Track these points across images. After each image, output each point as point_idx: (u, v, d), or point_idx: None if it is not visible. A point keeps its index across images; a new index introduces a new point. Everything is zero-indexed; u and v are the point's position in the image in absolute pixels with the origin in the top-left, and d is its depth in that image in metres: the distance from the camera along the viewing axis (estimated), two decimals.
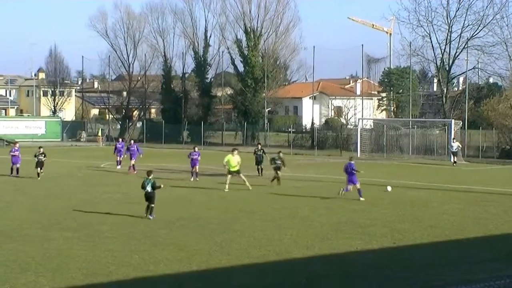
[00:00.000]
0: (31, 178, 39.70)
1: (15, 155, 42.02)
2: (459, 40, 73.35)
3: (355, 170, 32.40)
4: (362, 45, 78.78)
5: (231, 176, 35.85)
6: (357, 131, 65.39)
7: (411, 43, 74.44)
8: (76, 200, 31.62)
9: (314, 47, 78.96)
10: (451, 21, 73.68)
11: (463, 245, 22.41)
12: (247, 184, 35.64)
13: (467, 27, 72.95)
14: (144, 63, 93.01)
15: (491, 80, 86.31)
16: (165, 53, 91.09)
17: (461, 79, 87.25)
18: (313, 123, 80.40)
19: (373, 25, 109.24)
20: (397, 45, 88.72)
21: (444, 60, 74.44)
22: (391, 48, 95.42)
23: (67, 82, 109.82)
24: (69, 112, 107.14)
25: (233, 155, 36.40)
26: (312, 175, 44.61)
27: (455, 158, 54.94)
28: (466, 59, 72.61)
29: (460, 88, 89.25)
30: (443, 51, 74.24)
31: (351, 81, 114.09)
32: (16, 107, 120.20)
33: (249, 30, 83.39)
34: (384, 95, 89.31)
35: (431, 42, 74.39)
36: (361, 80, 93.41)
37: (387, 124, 69.25)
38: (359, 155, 61.49)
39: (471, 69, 74.80)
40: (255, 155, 43.19)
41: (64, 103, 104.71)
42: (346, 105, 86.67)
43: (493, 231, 24.53)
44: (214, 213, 28.19)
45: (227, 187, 35.18)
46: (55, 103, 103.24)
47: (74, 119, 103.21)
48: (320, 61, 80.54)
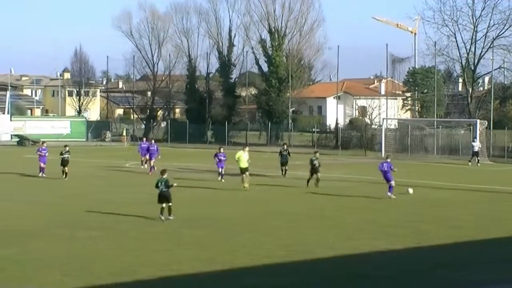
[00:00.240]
0: (56, 178, 39.82)
1: (42, 154, 41.91)
2: (485, 39, 72.95)
3: (392, 169, 32.92)
4: (386, 44, 78.53)
5: (244, 174, 35.85)
6: (382, 131, 65.14)
7: (436, 42, 74.14)
8: (100, 200, 31.81)
9: (338, 46, 78.88)
10: (476, 20, 73.28)
11: (488, 246, 22.29)
12: (246, 184, 35.40)
13: (493, 26, 72.53)
14: (168, 63, 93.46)
15: None
16: (189, 53, 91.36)
17: (487, 79, 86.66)
18: (337, 123, 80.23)
19: (398, 24, 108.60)
20: (421, 45, 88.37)
21: (469, 59, 74.00)
22: (415, 47, 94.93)
23: (92, 82, 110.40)
24: (94, 112, 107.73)
25: (244, 152, 36.34)
26: (336, 175, 44.54)
27: (477, 158, 54.63)
28: (491, 58, 72.20)
29: (485, 88, 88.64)
30: (468, 51, 73.84)
31: (375, 81, 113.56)
32: (41, 107, 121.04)
33: (273, 30, 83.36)
34: (408, 95, 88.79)
35: (456, 41, 74.03)
36: (386, 80, 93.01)
37: (412, 124, 68.93)
38: (384, 155, 61.21)
39: (496, 69, 74.40)
40: (281, 155, 42.91)
41: (89, 103, 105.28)
42: (370, 105, 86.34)
43: None
44: (238, 213, 28.24)
45: (246, 185, 35.31)
46: (80, 103, 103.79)
47: (99, 119, 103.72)
48: (344, 60, 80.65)
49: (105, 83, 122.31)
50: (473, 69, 74.51)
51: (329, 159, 60.61)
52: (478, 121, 61.39)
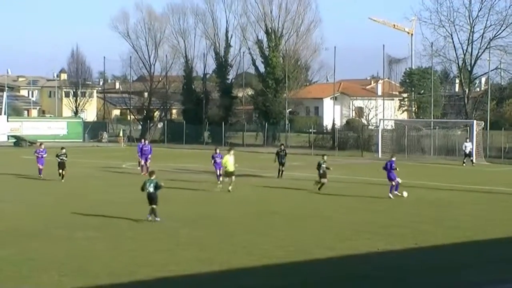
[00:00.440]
0: (54, 179, 39.68)
1: (39, 156, 41.50)
2: (482, 40, 73.00)
3: (394, 168, 33.23)
4: (383, 45, 78.56)
5: (228, 178, 35.16)
6: (378, 132, 65.15)
7: (432, 43, 74.13)
8: (98, 200, 31.77)
9: (335, 47, 78.84)
10: (473, 21, 73.31)
11: (485, 246, 22.29)
12: (230, 187, 34.74)
13: (490, 27, 72.58)
14: (165, 64, 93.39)
15: None
16: (186, 53, 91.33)
17: (483, 80, 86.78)
18: (334, 124, 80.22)
19: (394, 25, 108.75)
20: (418, 46, 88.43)
21: (466, 60, 74.06)
22: (412, 48, 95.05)
23: (88, 83, 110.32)
24: (90, 113, 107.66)
25: (230, 155, 35.66)
26: (333, 175, 44.41)
27: (471, 158, 54.82)
28: (488, 59, 72.25)
29: (482, 88, 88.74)
30: (465, 52, 73.90)
31: (372, 82, 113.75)
32: (38, 108, 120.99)
33: (270, 30, 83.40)
34: (405, 95, 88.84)
35: (453, 42, 74.08)
36: (382, 80, 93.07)
37: (409, 124, 68.93)
38: (380, 156, 61.23)
39: (493, 70, 74.45)
40: (278, 156, 42.84)
41: (85, 104, 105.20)
42: (367, 105, 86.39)
43: None
44: (236, 213, 28.23)
45: (230, 188, 34.78)
46: (77, 104, 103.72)
47: (95, 119, 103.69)
48: (341, 61, 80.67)
49: (102, 84, 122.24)
50: (469, 69, 74.57)
51: (327, 160, 60.58)
52: (474, 121, 61.41)
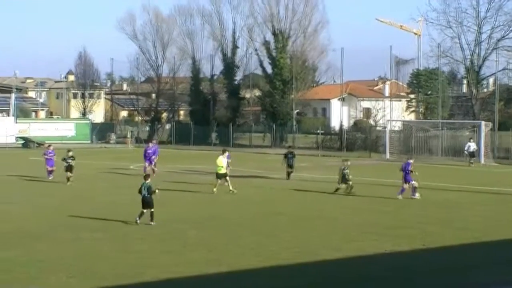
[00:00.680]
0: (61, 181, 39.57)
1: (49, 157, 41.52)
2: (489, 41, 72.86)
3: (410, 170, 33.15)
4: (390, 46, 78.59)
5: (220, 180, 34.76)
6: (386, 133, 65.02)
7: (440, 44, 74.05)
8: (105, 201, 31.79)
9: (342, 48, 78.86)
10: (481, 22, 73.15)
11: (494, 248, 22.23)
12: (215, 189, 34.32)
13: (497, 28, 72.45)
14: (173, 65, 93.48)
15: None
16: (193, 55, 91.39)
17: (491, 80, 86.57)
18: (341, 125, 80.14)
19: (401, 26, 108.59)
20: (425, 46, 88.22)
21: (473, 61, 73.90)
22: (419, 49, 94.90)
23: (96, 84, 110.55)
24: (98, 114, 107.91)
25: (223, 157, 35.31)
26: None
27: (472, 158, 54.90)
28: (496, 60, 72.11)
29: (490, 89, 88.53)
30: (472, 52, 73.73)
31: (379, 83, 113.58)
32: (46, 109, 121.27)
33: (277, 32, 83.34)
34: (412, 96, 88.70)
35: (460, 43, 73.94)
36: (390, 81, 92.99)
37: (416, 125, 68.79)
38: (388, 157, 61.18)
39: (501, 70, 74.30)
40: (286, 158, 42.65)
41: (93, 105, 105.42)
42: (374, 106, 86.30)
43: None
44: (243, 214, 28.23)
45: (214, 189, 34.47)
46: (85, 105, 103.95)
47: (103, 121, 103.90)
48: (348, 62, 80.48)
49: (109, 85, 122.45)
50: (477, 70, 74.40)
51: (333, 161, 60.58)
52: (482, 122, 61.26)
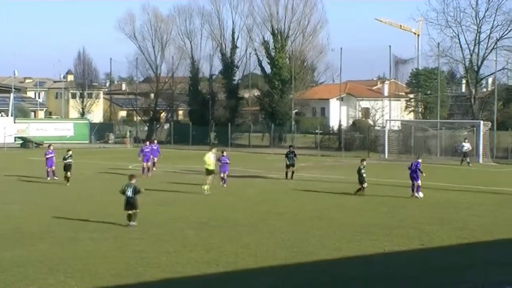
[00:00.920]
0: (60, 181, 39.57)
1: (49, 157, 41.50)
2: (488, 40, 72.90)
3: (419, 170, 33.47)
4: (389, 46, 78.45)
5: (211, 176, 34.92)
6: (385, 133, 65.05)
7: (439, 44, 74.04)
8: (104, 201, 31.77)
9: (341, 48, 78.79)
10: (480, 21, 73.19)
11: (492, 247, 22.24)
12: (206, 187, 34.23)
13: (497, 27, 72.47)
14: (171, 65, 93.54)
15: None
16: (192, 55, 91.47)
17: (490, 80, 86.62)
18: (340, 125, 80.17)
19: (401, 26, 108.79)
20: (425, 46, 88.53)
21: (472, 61, 73.94)
22: (419, 49, 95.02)
23: (95, 84, 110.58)
24: (97, 114, 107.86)
25: (211, 153, 35.45)
26: (339, 176, 44.50)
27: (467, 158, 55.09)
28: (495, 59, 72.16)
29: (489, 89, 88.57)
30: (471, 52, 73.78)
31: (378, 82, 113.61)
32: (45, 109, 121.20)
33: (276, 31, 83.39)
34: (412, 96, 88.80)
35: (460, 42, 73.97)
36: (389, 81, 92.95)
37: (415, 125, 68.84)
38: (387, 157, 61.24)
39: (500, 70, 74.33)
40: (287, 158, 42.55)
41: (92, 105, 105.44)
42: (373, 106, 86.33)
43: None
44: (241, 214, 28.22)
45: (206, 187, 34.38)
46: (83, 105, 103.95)
47: (102, 121, 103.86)
48: (347, 62, 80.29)
49: (108, 85, 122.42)
50: (476, 70, 74.43)
51: (332, 160, 60.65)
52: (481, 122, 61.35)
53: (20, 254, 20.05)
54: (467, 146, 56.35)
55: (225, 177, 38.09)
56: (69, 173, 38.92)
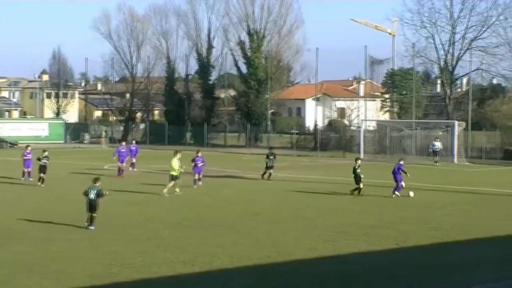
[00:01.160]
0: (35, 182, 39.21)
1: (27, 158, 41.02)
2: (463, 41, 73.46)
3: (403, 170, 33.97)
4: (365, 46, 78.85)
5: (174, 182, 33.90)
6: (360, 133, 65.28)
7: (414, 44, 74.47)
8: (79, 202, 31.39)
9: (317, 48, 79.03)
10: (454, 22, 73.74)
11: (467, 247, 22.40)
12: (165, 190, 33.53)
13: (471, 28, 73.05)
14: (147, 65, 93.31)
15: (494, 81, 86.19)
16: (168, 55, 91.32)
17: (465, 80, 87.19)
18: (316, 125, 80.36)
19: (376, 26, 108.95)
20: (400, 47, 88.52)
21: (447, 61, 74.43)
22: (394, 49, 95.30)
23: (70, 84, 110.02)
24: (72, 114, 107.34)
25: (176, 159, 34.26)
26: (315, 176, 44.63)
27: (435, 158, 55.64)
28: (469, 60, 72.69)
29: (463, 89, 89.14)
30: (446, 52, 74.30)
31: (354, 83, 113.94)
32: (19, 109, 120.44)
33: (252, 31, 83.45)
34: (387, 96, 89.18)
35: (435, 43, 74.50)
36: (364, 81, 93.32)
37: (390, 125, 69.15)
38: (362, 157, 61.38)
39: (474, 70, 74.86)
40: (267, 160, 42.43)
41: (67, 105, 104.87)
42: (349, 106, 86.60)
43: (497, 233, 24.54)
44: (217, 214, 28.20)
45: (165, 191, 33.76)
46: (59, 105, 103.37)
47: (77, 121, 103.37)
48: (323, 62, 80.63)
49: (83, 85, 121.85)
50: (451, 70, 74.91)
51: (308, 160, 60.78)
52: (456, 122, 61.77)
53: None
54: (438, 145, 57.02)
55: (200, 177, 37.75)
56: (44, 175, 38.34)
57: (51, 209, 29.13)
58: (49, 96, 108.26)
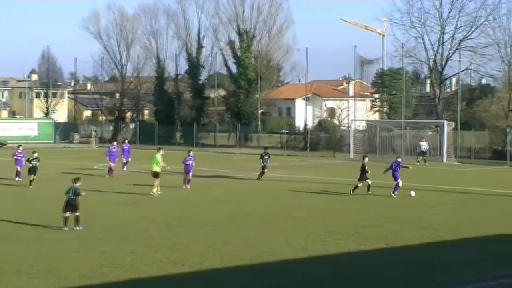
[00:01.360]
0: (24, 183, 38.97)
1: (18, 158, 40.45)
2: (452, 41, 73.54)
3: (402, 166, 34.88)
4: (355, 46, 78.87)
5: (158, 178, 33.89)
6: (350, 132, 65.39)
7: (403, 44, 74.58)
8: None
9: (307, 48, 79.06)
10: (443, 22, 73.82)
11: (456, 246, 22.44)
12: (155, 190, 33.64)
13: (460, 28, 73.12)
14: (137, 65, 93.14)
15: (483, 81, 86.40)
16: (158, 54, 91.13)
17: (454, 80, 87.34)
18: (306, 124, 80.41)
19: (366, 26, 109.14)
20: (390, 47, 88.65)
21: (436, 61, 74.53)
22: (384, 49, 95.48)
23: (60, 83, 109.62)
24: (61, 113, 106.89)
25: (158, 155, 34.54)
26: (305, 176, 44.64)
27: (421, 157, 56.34)
28: (458, 60, 72.80)
29: (453, 89, 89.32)
30: (435, 52, 74.37)
31: (344, 83, 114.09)
32: (8, 108, 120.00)
33: (242, 31, 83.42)
34: (377, 96, 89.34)
35: (424, 43, 74.57)
36: (354, 81, 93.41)
37: (380, 125, 69.28)
38: (352, 156, 61.48)
39: (463, 70, 74.96)
40: (262, 159, 42.36)
41: (56, 104, 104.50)
42: (339, 106, 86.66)
43: (486, 232, 24.60)
44: (208, 214, 28.17)
45: (155, 190, 33.89)
46: (48, 105, 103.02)
47: (66, 120, 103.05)
48: (313, 62, 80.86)
49: (73, 84, 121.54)
50: (440, 70, 75.02)
51: (298, 160, 60.79)
52: (445, 122, 61.96)
53: None
54: (424, 145, 57.30)
55: (189, 178, 37.32)
56: (34, 176, 37.87)
57: (41, 209, 29.02)
58: (38, 95, 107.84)
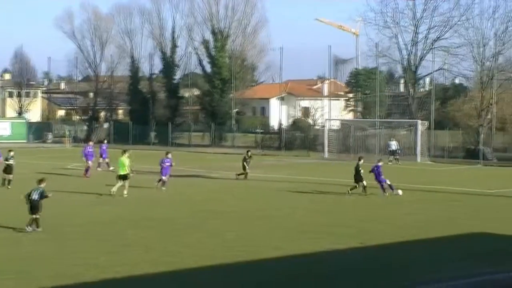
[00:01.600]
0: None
1: None
2: (426, 41, 73.86)
3: (380, 172, 34.61)
4: (329, 46, 79.02)
5: (122, 181, 33.06)
6: (324, 132, 65.56)
7: (378, 44, 74.86)
8: (44, 201, 31.24)
9: (281, 48, 79.14)
10: (417, 22, 74.14)
11: (430, 245, 22.58)
12: (126, 192, 32.85)
13: (433, 28, 73.48)
14: (111, 64, 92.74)
15: (457, 81, 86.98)
16: (132, 54, 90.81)
17: (428, 80, 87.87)
18: (280, 124, 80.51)
19: (341, 26, 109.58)
20: (364, 46, 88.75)
21: (410, 61, 74.85)
22: (358, 49, 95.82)
23: (33, 83, 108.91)
24: (35, 113, 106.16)
25: (125, 158, 33.52)
26: (281, 175, 44.69)
27: (392, 157, 56.75)
28: (432, 60, 73.20)
29: (426, 88, 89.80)
30: (409, 52, 74.68)
31: (318, 82, 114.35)
32: None
33: (217, 31, 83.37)
34: (351, 96, 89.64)
35: (398, 43, 74.81)
36: (329, 81, 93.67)
37: (354, 124, 69.51)
38: (326, 156, 61.66)
39: (437, 70, 75.35)
40: (245, 162, 42.27)
41: (30, 104, 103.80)
42: (313, 105, 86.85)
43: (459, 231, 24.79)
44: (183, 214, 28.16)
45: (113, 191, 33.05)
46: (21, 104, 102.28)
47: (40, 120, 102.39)
48: (287, 62, 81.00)
49: (46, 84, 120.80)
50: (414, 70, 75.39)
51: (273, 159, 60.84)
52: (419, 121, 62.30)
53: None
54: (394, 144, 57.76)
55: (165, 180, 36.36)
56: (11, 176, 37.30)
57: (15, 210, 28.77)
58: (11, 95, 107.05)
